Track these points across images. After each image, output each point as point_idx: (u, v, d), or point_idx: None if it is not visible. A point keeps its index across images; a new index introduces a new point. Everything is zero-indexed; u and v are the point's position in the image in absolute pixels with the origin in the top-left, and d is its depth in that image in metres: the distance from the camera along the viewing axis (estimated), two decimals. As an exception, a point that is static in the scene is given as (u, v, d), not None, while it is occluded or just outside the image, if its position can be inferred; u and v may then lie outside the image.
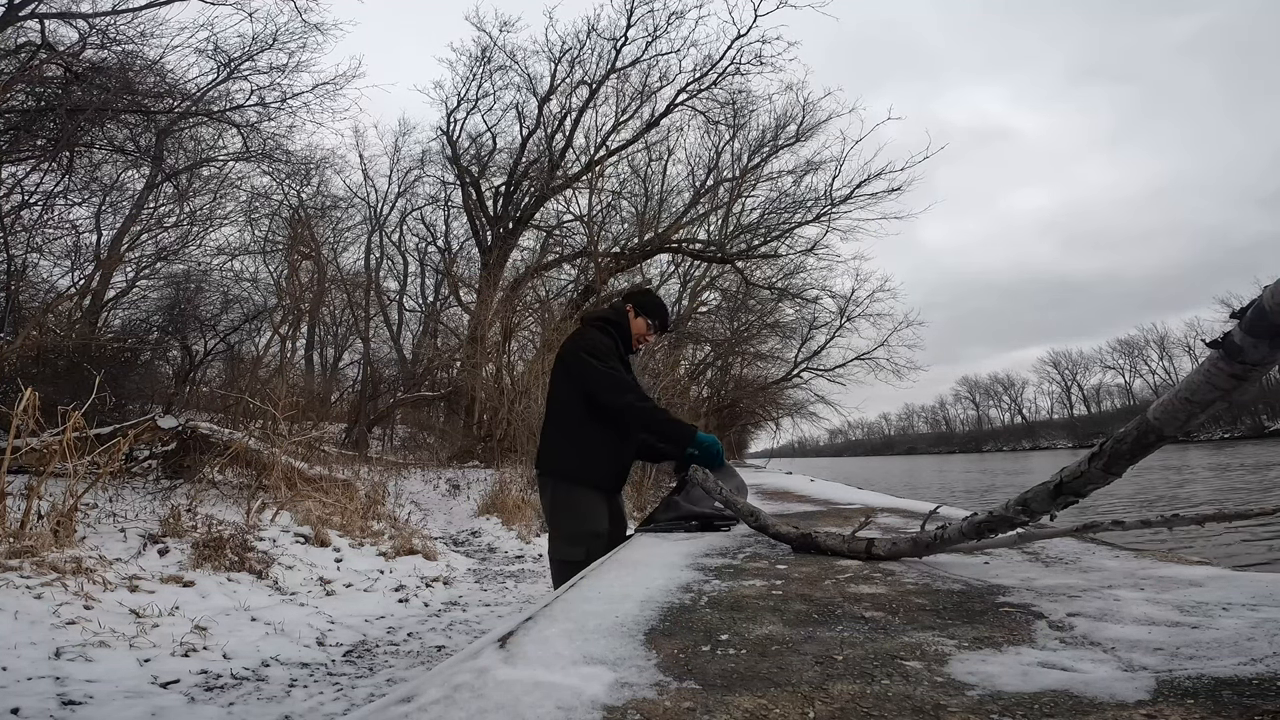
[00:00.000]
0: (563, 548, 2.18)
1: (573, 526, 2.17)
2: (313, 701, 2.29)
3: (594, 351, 2.20)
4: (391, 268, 17.22)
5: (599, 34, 12.40)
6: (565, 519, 2.21)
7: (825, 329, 18.97)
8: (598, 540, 2.12)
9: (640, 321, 2.42)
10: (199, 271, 11.08)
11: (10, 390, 4.51)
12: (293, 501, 4.89)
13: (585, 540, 2.11)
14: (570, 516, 2.19)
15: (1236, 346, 0.76)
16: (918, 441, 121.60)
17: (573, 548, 2.12)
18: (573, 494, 2.20)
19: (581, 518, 2.17)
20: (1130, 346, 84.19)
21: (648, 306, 2.45)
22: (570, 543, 2.16)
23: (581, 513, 2.18)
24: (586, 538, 2.12)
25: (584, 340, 2.26)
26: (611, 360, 2.21)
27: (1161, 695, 0.58)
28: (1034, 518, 1.18)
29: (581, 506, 2.18)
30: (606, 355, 2.22)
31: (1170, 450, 21.88)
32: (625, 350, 2.38)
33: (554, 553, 2.24)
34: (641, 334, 2.43)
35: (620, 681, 0.65)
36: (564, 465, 2.22)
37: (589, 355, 2.20)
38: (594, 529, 2.17)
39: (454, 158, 13.65)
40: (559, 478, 2.22)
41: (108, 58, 8.24)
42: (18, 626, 2.50)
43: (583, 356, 2.21)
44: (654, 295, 2.55)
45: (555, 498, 2.23)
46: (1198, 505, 8.32)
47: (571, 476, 2.21)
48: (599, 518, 2.21)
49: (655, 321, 2.45)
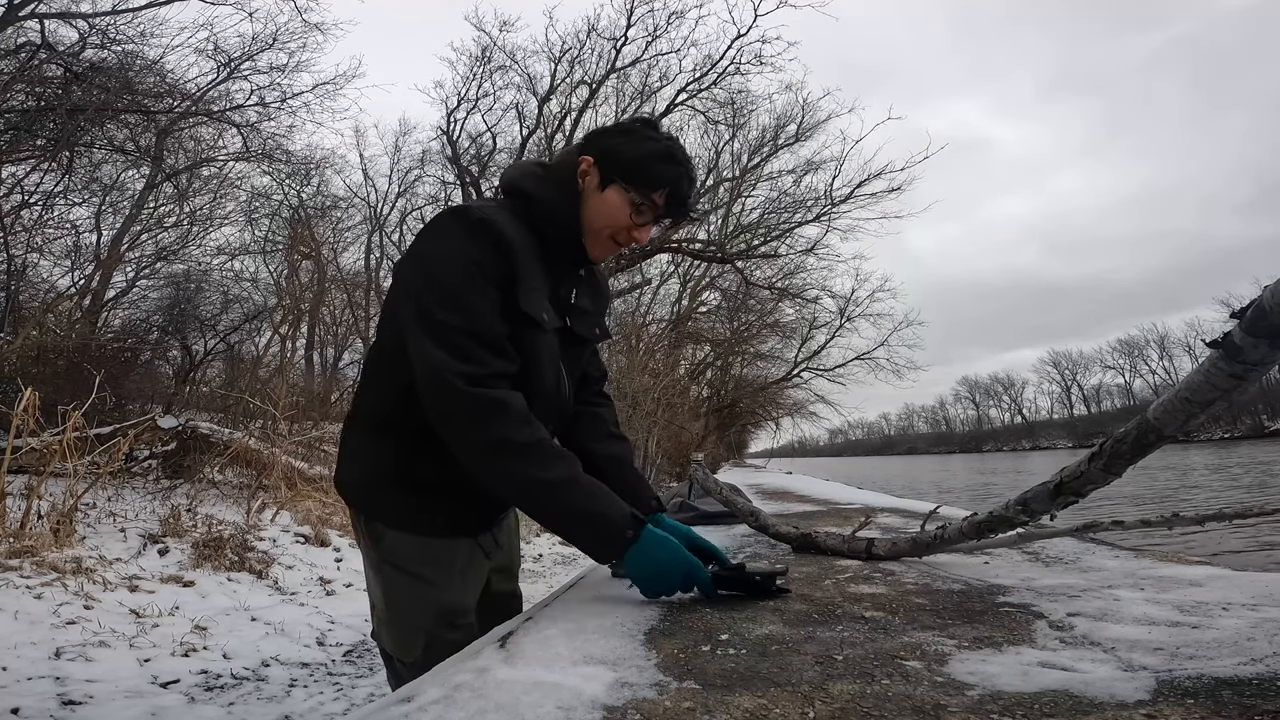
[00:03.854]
0: (386, 635, 1.14)
1: (405, 606, 1.09)
2: (313, 701, 2.29)
3: (432, 278, 0.97)
4: (391, 268, 17.22)
5: (599, 34, 12.39)
6: (393, 592, 1.10)
7: (825, 329, 19.01)
8: (452, 627, 1.07)
9: (615, 196, 1.06)
10: (199, 271, 11.09)
11: (10, 390, 4.51)
12: (293, 501, 4.89)
13: (424, 629, 1.07)
14: (399, 591, 1.09)
15: (1236, 346, 0.76)
16: (918, 441, 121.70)
17: (406, 639, 1.10)
18: (405, 551, 1.07)
19: (420, 592, 1.07)
20: (1130, 346, 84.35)
21: (629, 160, 1.06)
22: (401, 632, 1.11)
23: (424, 583, 1.07)
24: (429, 624, 1.07)
25: (420, 244, 1.02)
26: (460, 297, 0.95)
27: (1161, 695, 0.58)
28: (1034, 518, 1.18)
29: (420, 572, 1.07)
30: (453, 290, 0.95)
31: (1170, 450, 21.88)
32: (554, 265, 1.09)
33: (380, 640, 1.18)
34: (619, 223, 1.07)
35: (620, 681, 0.65)
36: (378, 495, 1.08)
37: (414, 286, 0.98)
38: (442, 606, 1.08)
39: (454, 158, 13.64)
40: (373, 517, 1.09)
41: (108, 58, 8.24)
42: (18, 626, 2.50)
43: (403, 284, 1.02)
44: (641, 133, 1.10)
45: (375, 561, 1.10)
46: (1198, 505, 8.32)
47: (396, 517, 1.07)
48: (453, 586, 1.09)
49: (650, 191, 1.07)
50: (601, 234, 1.09)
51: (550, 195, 1.08)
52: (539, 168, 1.13)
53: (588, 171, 1.09)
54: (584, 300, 1.18)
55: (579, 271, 1.16)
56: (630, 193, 1.07)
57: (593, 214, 1.08)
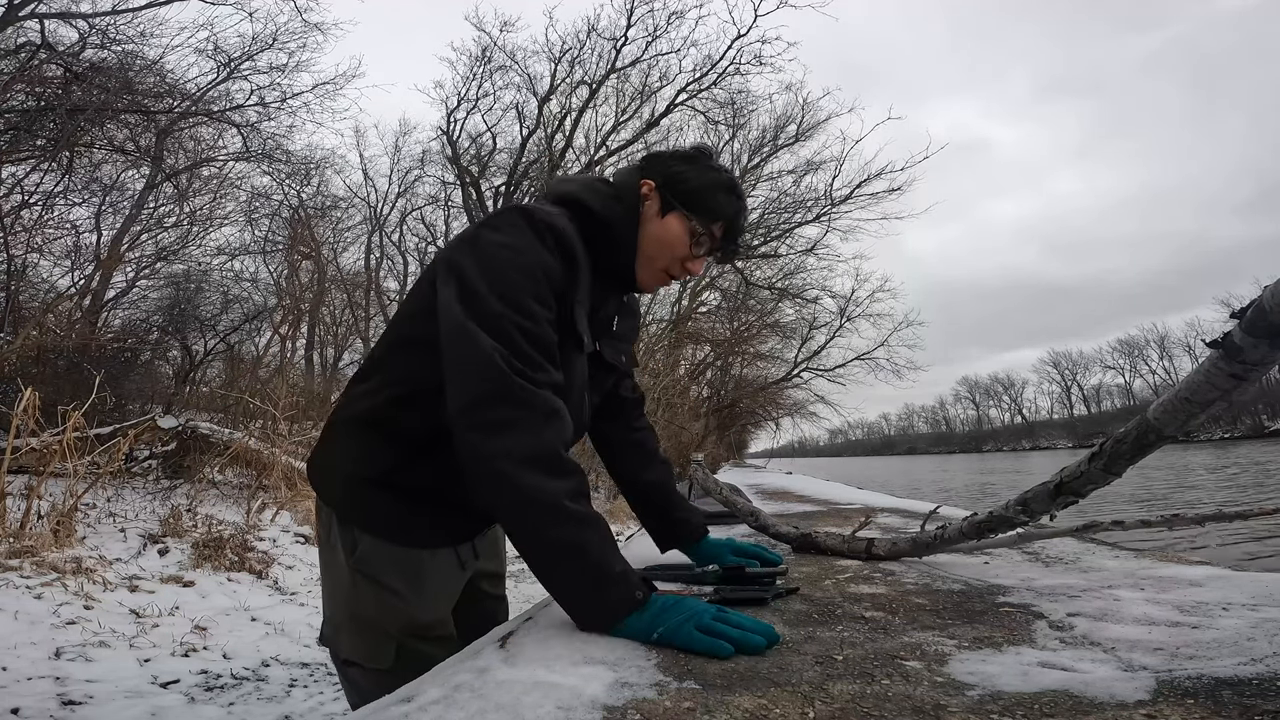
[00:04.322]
0: (347, 641, 1.04)
1: (372, 616, 1.00)
2: (312, 701, 2.29)
3: (495, 272, 0.88)
4: (391, 268, 17.22)
5: (599, 34, 12.41)
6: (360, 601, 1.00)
7: (825, 329, 19.02)
8: (424, 640, 1.00)
9: (676, 224, 1.04)
10: (199, 271, 11.10)
11: (10, 390, 4.51)
12: (293, 501, 4.89)
13: (394, 639, 0.99)
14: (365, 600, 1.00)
15: (1236, 346, 0.76)
16: (918, 441, 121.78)
17: (374, 646, 1.00)
18: (378, 560, 0.99)
19: (388, 604, 0.99)
20: (1130, 346, 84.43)
21: (693, 189, 1.04)
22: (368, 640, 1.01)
23: (394, 595, 0.99)
24: (398, 635, 0.99)
25: (483, 236, 0.92)
26: (520, 298, 0.87)
27: (1161, 695, 0.58)
28: (1034, 518, 1.18)
29: (391, 584, 0.99)
30: (515, 288, 0.88)
31: (1170, 450, 21.90)
32: (605, 289, 1.06)
33: (336, 647, 1.06)
34: (676, 252, 1.05)
35: (620, 681, 0.65)
36: (358, 497, 1.00)
37: (471, 277, 0.88)
38: (412, 621, 1.00)
39: (454, 158, 13.65)
40: (347, 520, 1.00)
41: (108, 58, 8.25)
42: (18, 626, 2.51)
43: (456, 273, 0.90)
44: (704, 162, 1.08)
45: (341, 566, 1.00)
46: (1198, 505, 8.33)
47: (374, 522, 0.99)
48: (424, 602, 1.01)
49: (710, 223, 1.05)
50: (655, 263, 1.05)
51: (616, 215, 1.03)
52: (604, 184, 1.07)
53: (649, 196, 1.05)
54: (623, 326, 1.16)
55: (623, 298, 1.12)
56: (691, 221, 1.04)
57: (650, 240, 1.04)
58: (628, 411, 1.29)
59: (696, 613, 0.77)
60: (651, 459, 1.29)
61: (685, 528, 1.25)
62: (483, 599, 1.19)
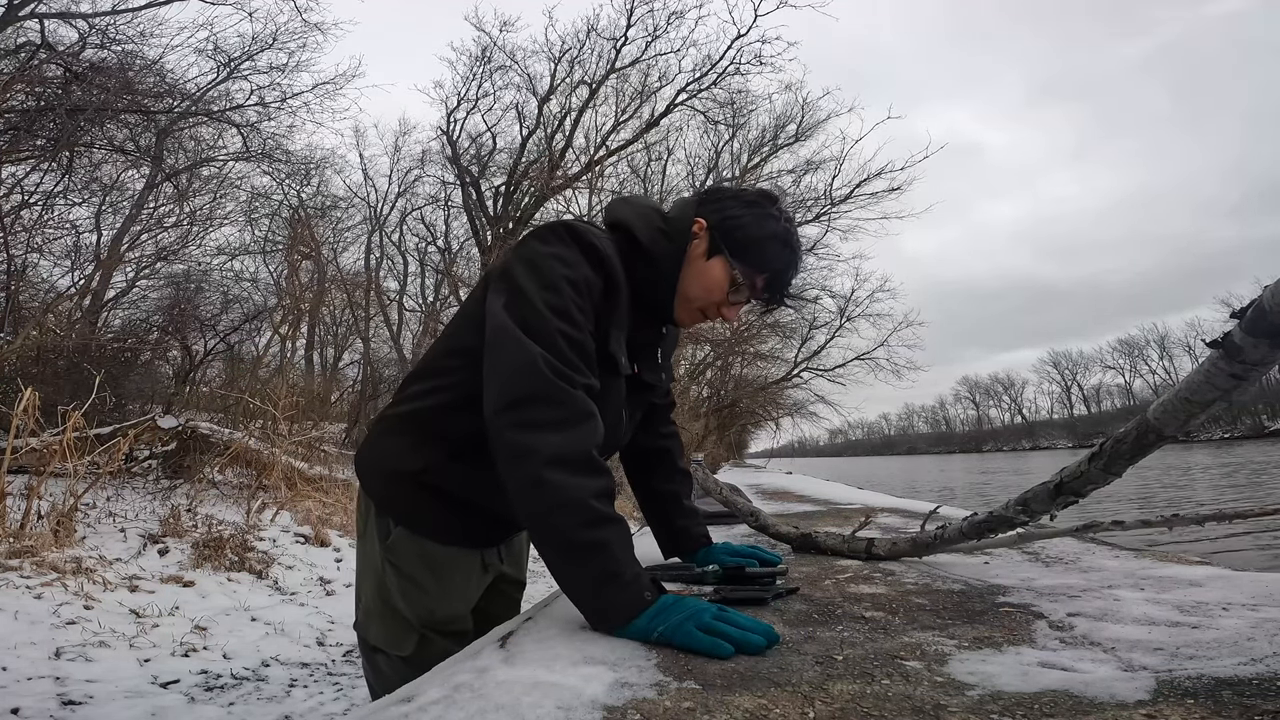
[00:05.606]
0: (375, 628, 1.07)
1: (397, 606, 1.04)
2: (312, 701, 2.29)
3: (544, 281, 0.91)
4: (391, 268, 17.20)
5: (599, 34, 12.40)
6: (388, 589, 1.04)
7: (825, 329, 19.03)
8: (443, 634, 1.04)
9: (719, 268, 1.03)
10: (199, 271, 11.08)
11: (10, 390, 4.51)
12: (293, 501, 4.89)
13: (416, 630, 1.04)
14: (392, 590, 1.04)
15: (1236, 346, 0.76)
16: (918, 441, 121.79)
17: (398, 634, 1.04)
18: (407, 553, 1.03)
19: (413, 597, 1.03)
20: (1130, 346, 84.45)
21: (744, 237, 1.03)
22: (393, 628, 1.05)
23: (418, 589, 1.03)
24: (420, 626, 1.04)
25: (531, 249, 0.95)
26: (565, 306, 0.90)
27: (1161, 695, 0.58)
28: (1034, 518, 1.18)
29: (416, 577, 1.03)
30: (562, 295, 0.90)
31: (1170, 450, 21.88)
32: (643, 317, 1.06)
33: (365, 633, 1.10)
34: (713, 297, 1.05)
35: (620, 681, 0.65)
36: (397, 491, 1.04)
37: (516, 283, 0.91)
38: (433, 615, 1.04)
39: (454, 158, 13.64)
40: (384, 511, 1.05)
41: (107, 58, 8.24)
42: (18, 626, 2.51)
43: (506, 281, 0.93)
44: (764, 209, 1.06)
45: (375, 555, 1.05)
46: (1198, 505, 8.32)
47: (408, 517, 1.03)
48: (447, 597, 1.05)
49: (756, 273, 1.05)
50: (693, 302, 1.06)
51: (660, 250, 1.04)
52: (658, 215, 1.07)
53: (699, 235, 1.05)
54: (665, 346, 1.17)
55: (662, 329, 1.13)
56: (735, 269, 1.03)
57: (691, 280, 1.05)
58: (657, 417, 1.31)
59: (697, 611, 0.78)
60: (672, 470, 1.31)
61: (685, 536, 1.29)
62: (503, 605, 1.20)
